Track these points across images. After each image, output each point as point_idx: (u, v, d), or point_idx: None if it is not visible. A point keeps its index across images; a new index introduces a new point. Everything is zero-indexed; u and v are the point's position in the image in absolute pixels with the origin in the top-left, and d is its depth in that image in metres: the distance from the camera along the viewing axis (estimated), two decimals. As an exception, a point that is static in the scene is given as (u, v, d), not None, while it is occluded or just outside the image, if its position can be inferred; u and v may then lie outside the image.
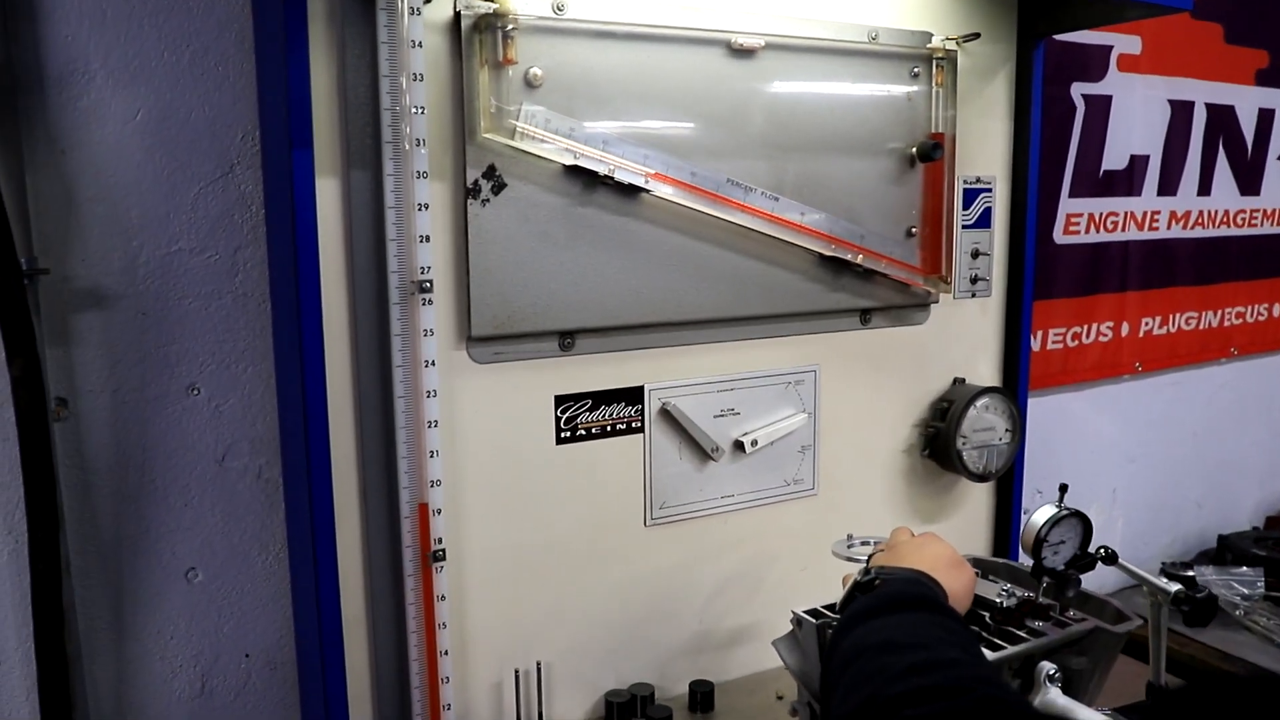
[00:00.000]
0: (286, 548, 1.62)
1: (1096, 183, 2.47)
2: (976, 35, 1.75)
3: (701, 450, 1.63)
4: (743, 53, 1.54)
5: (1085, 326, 2.50)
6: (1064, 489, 1.30)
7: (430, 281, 1.33)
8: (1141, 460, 2.66)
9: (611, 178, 1.44)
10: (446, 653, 1.43)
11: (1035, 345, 2.42)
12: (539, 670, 1.54)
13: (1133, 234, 2.55)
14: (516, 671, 1.52)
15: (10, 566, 1.44)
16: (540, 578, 1.54)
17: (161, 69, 1.44)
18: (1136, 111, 2.50)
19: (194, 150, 1.47)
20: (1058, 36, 2.25)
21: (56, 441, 1.45)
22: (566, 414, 1.52)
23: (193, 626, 1.60)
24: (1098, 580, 1.51)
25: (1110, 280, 2.53)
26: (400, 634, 1.42)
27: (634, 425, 1.58)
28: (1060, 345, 2.46)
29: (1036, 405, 2.42)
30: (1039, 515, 1.28)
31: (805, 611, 1.34)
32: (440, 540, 1.40)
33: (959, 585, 1.18)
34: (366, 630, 1.42)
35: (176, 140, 1.46)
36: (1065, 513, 1.27)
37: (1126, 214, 2.53)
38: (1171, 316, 2.67)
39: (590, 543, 1.57)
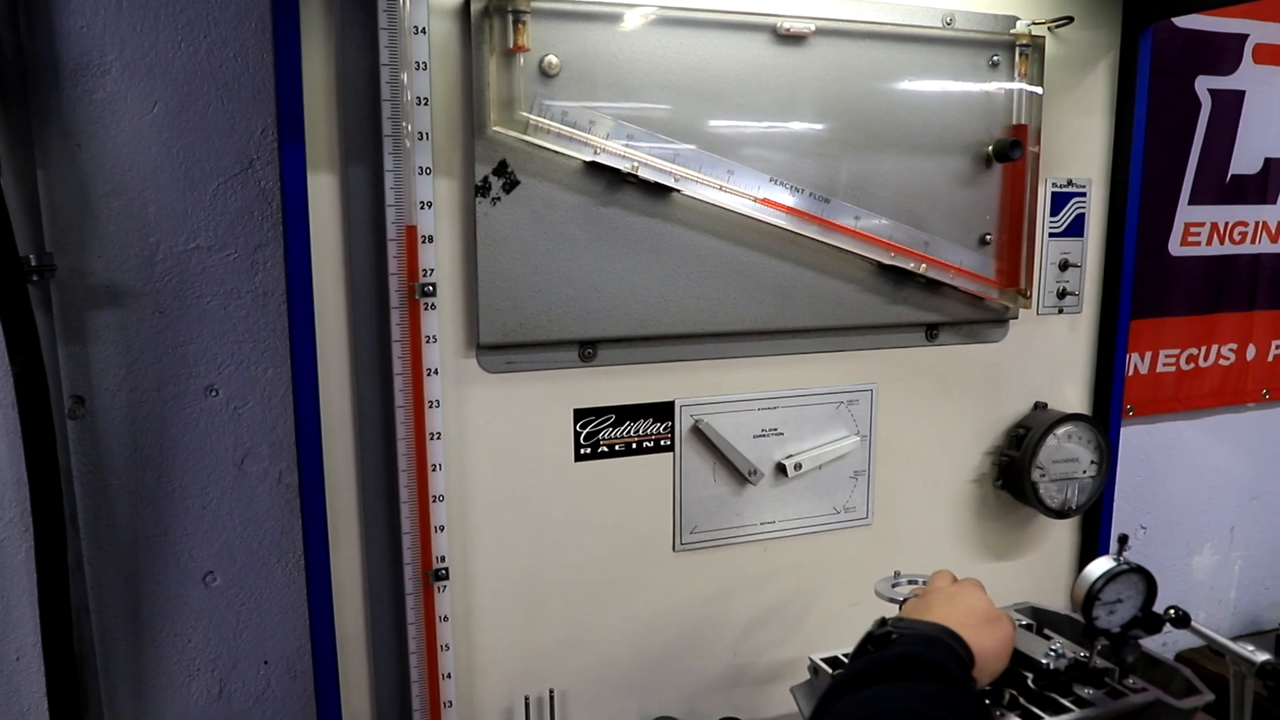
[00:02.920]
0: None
1: (1223, 188, 2.22)
2: (1069, 19, 1.56)
3: (738, 472, 1.50)
4: (791, 39, 1.40)
5: (1203, 348, 2.24)
6: (1123, 540, 1.12)
7: (433, 285, 1.25)
8: (1267, 497, 2.38)
9: (636, 176, 1.33)
10: (449, 675, 1.35)
11: (1144, 368, 2.19)
12: (552, 698, 1.44)
13: (1265, 246, 2.28)
14: (527, 699, 1.43)
15: (27, 563, 1.43)
16: (557, 601, 1.44)
17: (179, 60, 1.40)
18: (1274, 108, 2.23)
19: (212, 145, 1.43)
20: (1178, 22, 2.03)
21: (72, 439, 1.43)
22: (587, 429, 1.41)
23: (211, 631, 1.57)
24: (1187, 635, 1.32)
25: (1236, 297, 2.27)
26: (401, 655, 1.35)
27: (662, 443, 1.46)
28: (1173, 368, 2.22)
29: (1142, 433, 2.21)
30: (1092, 568, 1.10)
31: (823, 659, 1.20)
32: (443, 558, 1.33)
33: (991, 644, 1.03)
34: (366, 649, 1.35)
35: (194, 134, 1.42)
36: (1124, 567, 1.09)
37: (1258, 224, 2.27)
38: (1309, 340, 2.38)
39: (612, 566, 1.47)
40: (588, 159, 1.31)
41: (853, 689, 0.86)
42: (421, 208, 1.23)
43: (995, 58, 1.53)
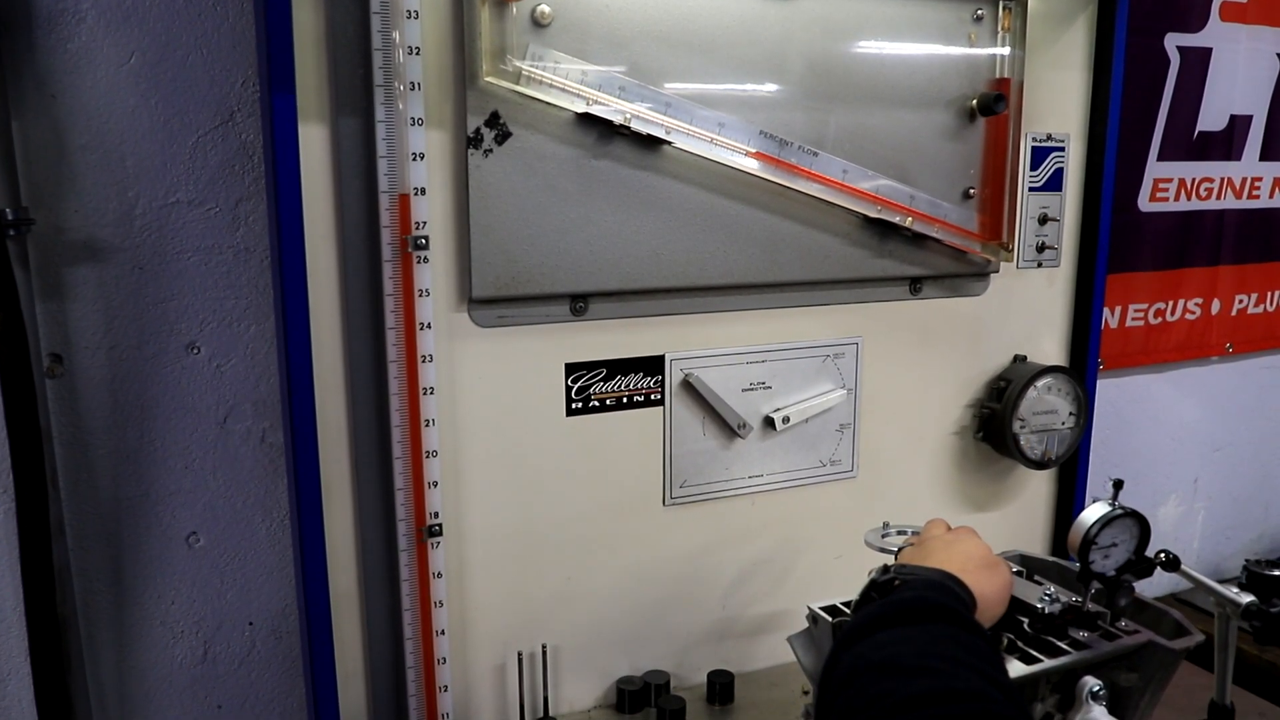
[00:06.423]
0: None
1: (1190, 145, 2.25)
2: (1051, -26, 1.57)
3: (727, 426, 1.51)
4: (780, -9, 1.39)
5: (1170, 303, 2.29)
6: (1119, 485, 1.15)
7: (426, 238, 1.24)
8: (1229, 449, 2.45)
9: (628, 128, 1.32)
10: (443, 632, 1.35)
11: (1113, 322, 2.22)
12: (544, 654, 1.45)
13: (1229, 202, 2.32)
14: (520, 654, 1.43)
15: (6, 527, 1.40)
16: (549, 557, 1.45)
17: (156, 9, 1.35)
18: (1240, 66, 2.26)
19: (191, 96, 1.39)
20: (1150, -20, 2.05)
21: (51, 399, 1.40)
22: (578, 384, 1.41)
23: (195, 592, 1.55)
24: (1171, 580, 1.35)
25: (1201, 253, 2.31)
26: (395, 612, 1.35)
27: (653, 397, 1.46)
28: (1141, 322, 2.26)
29: (1112, 386, 2.25)
30: (1088, 514, 1.13)
31: (822, 608, 1.22)
32: (437, 514, 1.32)
33: (991, 589, 1.05)
34: (360, 606, 1.35)
35: (173, 86, 1.38)
36: (1119, 512, 1.12)
37: (1223, 180, 2.30)
38: (1270, 294, 2.43)
39: (603, 521, 1.47)
40: (580, 110, 1.30)
41: (868, 633, 0.87)
42: (414, 159, 1.22)
43: (980, 12, 1.54)
